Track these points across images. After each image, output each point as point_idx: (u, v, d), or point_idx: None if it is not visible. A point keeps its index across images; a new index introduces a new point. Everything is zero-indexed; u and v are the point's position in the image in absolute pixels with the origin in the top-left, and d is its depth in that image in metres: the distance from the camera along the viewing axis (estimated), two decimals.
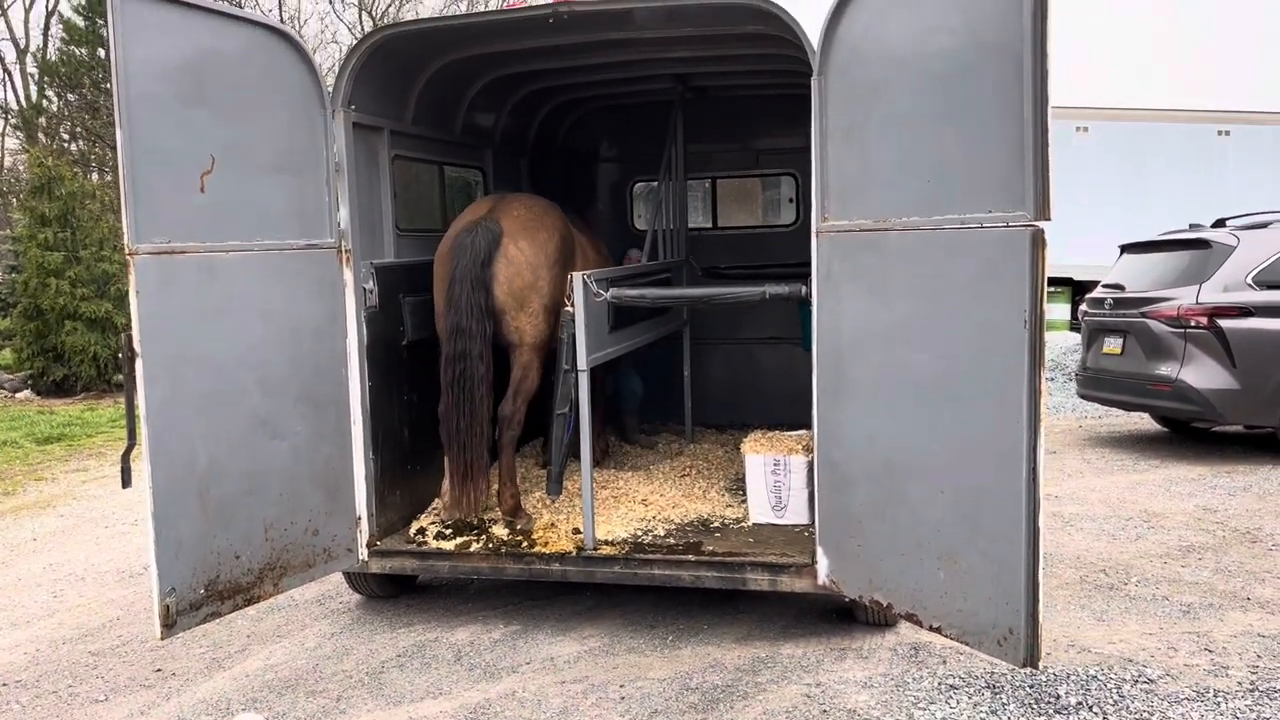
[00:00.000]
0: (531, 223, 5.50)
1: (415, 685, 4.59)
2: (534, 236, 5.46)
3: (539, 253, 5.44)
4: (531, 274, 5.41)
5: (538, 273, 5.42)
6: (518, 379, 5.54)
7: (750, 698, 4.34)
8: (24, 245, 16.78)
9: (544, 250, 5.46)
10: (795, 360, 7.35)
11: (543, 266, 5.44)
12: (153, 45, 4.15)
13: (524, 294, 5.41)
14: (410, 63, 5.62)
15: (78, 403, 15.16)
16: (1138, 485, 8.17)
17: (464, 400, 5.25)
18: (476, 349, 5.24)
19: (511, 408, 5.50)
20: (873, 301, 4.16)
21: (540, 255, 5.44)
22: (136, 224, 4.13)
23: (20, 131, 33.20)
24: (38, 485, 9.66)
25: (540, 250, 5.45)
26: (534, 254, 5.42)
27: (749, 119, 7.85)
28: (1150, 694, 4.25)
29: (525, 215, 5.53)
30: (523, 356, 5.52)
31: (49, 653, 5.27)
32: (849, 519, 4.36)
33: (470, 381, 5.23)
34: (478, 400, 5.26)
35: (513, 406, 5.51)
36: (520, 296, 5.41)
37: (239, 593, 4.61)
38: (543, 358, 5.59)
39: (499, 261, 5.34)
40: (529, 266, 5.40)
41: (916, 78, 3.88)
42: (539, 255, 5.44)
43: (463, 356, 5.23)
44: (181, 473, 4.33)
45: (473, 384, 5.24)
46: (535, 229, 5.49)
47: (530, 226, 5.48)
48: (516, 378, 5.54)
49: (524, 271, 5.39)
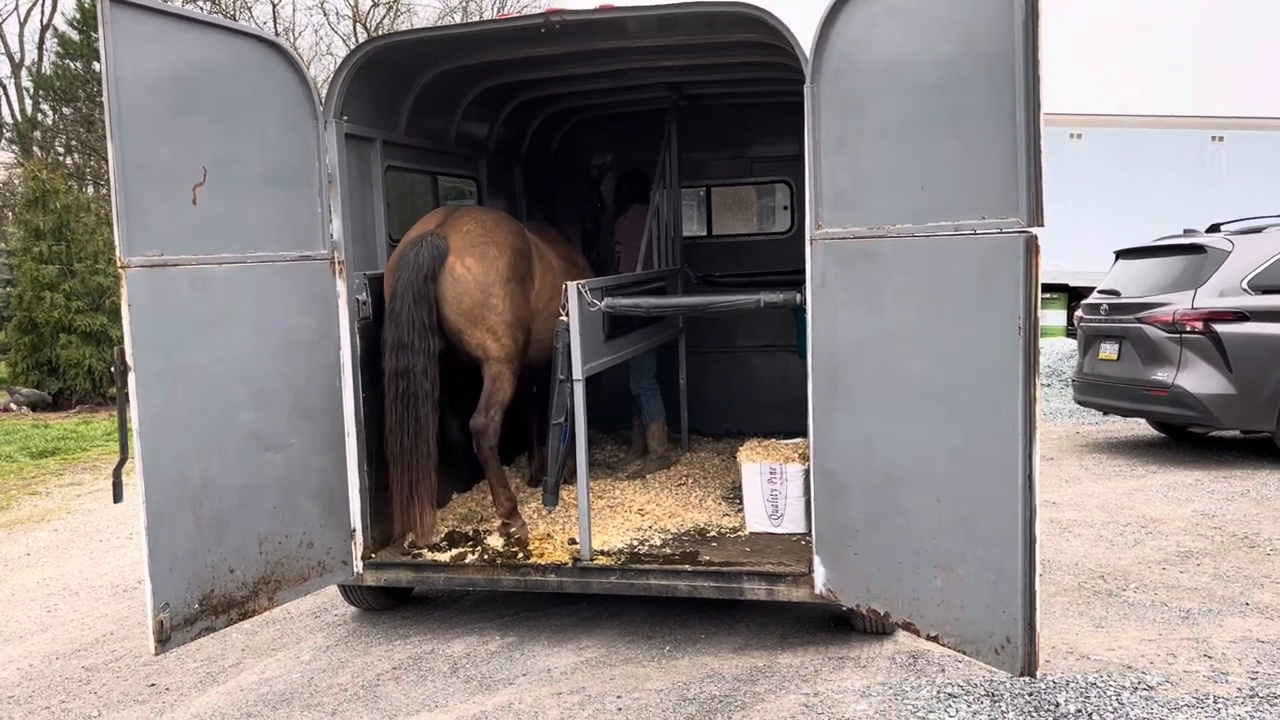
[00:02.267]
0: (480, 239, 5.31)
1: (411, 698, 4.56)
2: (483, 254, 5.27)
3: (488, 270, 5.25)
4: (480, 292, 5.24)
5: (487, 290, 5.25)
6: (489, 390, 5.39)
7: (748, 708, 4.31)
8: (19, 259, 16.78)
9: (494, 267, 5.27)
10: (791, 368, 7.35)
11: (494, 284, 5.26)
12: (145, 57, 4.14)
13: (476, 312, 5.25)
14: (403, 73, 5.62)
15: (72, 416, 15.11)
16: (1135, 491, 8.16)
17: (407, 418, 5.07)
18: (420, 364, 5.07)
19: (484, 419, 5.35)
20: (867, 309, 4.15)
21: (490, 273, 5.25)
22: (129, 237, 4.12)
23: (15, 145, 33.20)
24: (32, 499, 9.61)
25: (490, 267, 5.26)
26: (483, 272, 5.24)
27: (743, 127, 7.86)
28: (1150, 700, 4.23)
29: (474, 230, 5.33)
30: (491, 369, 5.38)
31: (42, 668, 5.24)
32: (845, 528, 4.35)
33: (414, 399, 5.07)
34: (422, 418, 5.08)
35: (485, 418, 5.35)
36: (472, 315, 5.25)
37: (233, 607, 4.58)
38: (515, 369, 5.47)
39: (444, 280, 5.19)
40: (477, 285, 5.23)
41: (909, 85, 3.88)
42: (488, 273, 5.25)
43: (405, 373, 5.06)
44: (175, 486, 4.31)
45: (416, 401, 5.07)
46: (484, 245, 5.29)
47: (479, 243, 5.29)
48: (487, 390, 5.39)
49: (472, 290, 5.22)
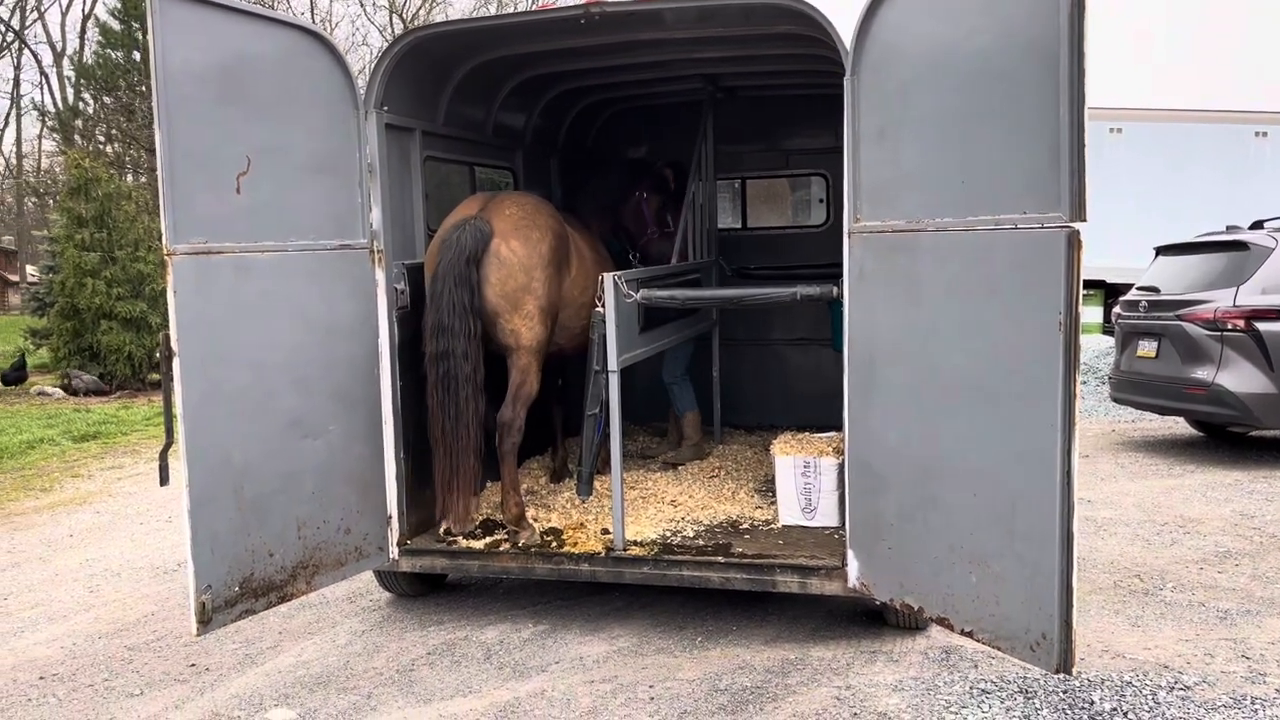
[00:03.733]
0: (524, 221, 5.31)
1: (445, 683, 4.62)
2: (526, 236, 5.27)
3: (531, 253, 5.25)
4: (524, 275, 5.22)
5: (531, 274, 5.24)
6: (516, 384, 5.33)
7: (780, 700, 4.32)
8: (61, 245, 17.05)
9: (537, 250, 5.27)
10: (824, 361, 7.33)
11: (536, 267, 5.25)
12: (191, 47, 4.19)
13: (517, 296, 5.23)
14: (442, 64, 5.66)
15: (113, 401, 15.36)
16: (1173, 490, 8.07)
17: (449, 402, 5.05)
18: (460, 348, 5.04)
19: (511, 413, 5.28)
20: (905, 303, 4.13)
21: (533, 255, 5.25)
22: (175, 224, 4.17)
23: (57, 134, 33.72)
24: (74, 482, 9.79)
25: (533, 250, 5.26)
26: (526, 254, 5.23)
27: (779, 119, 7.84)
28: (1186, 700, 4.20)
29: (517, 214, 5.34)
30: (520, 360, 5.32)
31: (85, 647, 5.35)
32: (880, 522, 4.34)
33: (454, 382, 5.03)
34: (463, 401, 5.05)
35: (512, 412, 5.29)
36: (513, 299, 5.23)
37: (273, 590, 4.65)
38: (541, 361, 5.42)
39: (489, 263, 5.17)
40: (521, 268, 5.21)
41: (950, 77, 3.86)
42: (532, 255, 5.24)
43: (446, 355, 5.04)
44: (217, 471, 4.37)
45: (457, 384, 5.04)
46: (528, 228, 5.29)
47: (523, 225, 5.29)
48: (515, 382, 5.33)
49: (516, 273, 5.21)
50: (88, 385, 15.92)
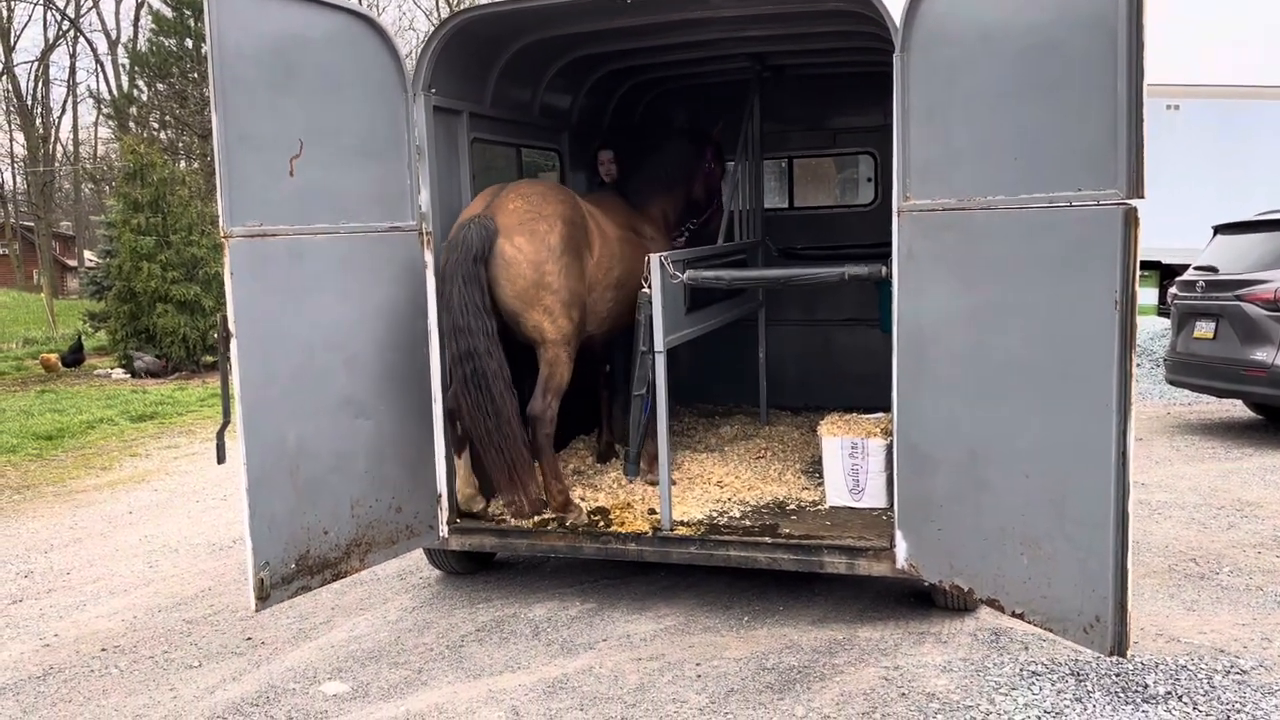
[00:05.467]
0: (528, 215, 5.15)
1: (494, 659, 4.68)
2: (532, 230, 5.12)
3: (539, 247, 5.11)
4: (534, 271, 5.10)
5: (540, 269, 5.11)
6: (545, 375, 5.28)
7: (827, 679, 4.32)
8: (118, 230, 17.40)
9: (544, 243, 5.12)
10: (872, 342, 7.27)
11: (546, 261, 5.12)
12: (246, 31, 4.24)
13: (531, 293, 5.13)
14: (489, 45, 5.68)
15: (169, 383, 15.68)
16: (1230, 474, 7.92)
17: (484, 400, 4.98)
18: (482, 345, 4.95)
19: (542, 404, 5.25)
20: (956, 282, 4.09)
21: (541, 249, 5.11)
22: (231, 207, 4.23)
23: (113, 120, 34.36)
24: (133, 461, 10.03)
25: (540, 244, 5.11)
26: (534, 250, 5.09)
27: (827, 98, 7.77)
28: (1243, 685, 4.13)
29: (521, 207, 5.17)
30: (548, 352, 5.26)
31: (145, 620, 5.49)
32: (929, 503, 4.31)
33: (484, 379, 4.96)
34: (498, 397, 4.98)
35: (543, 404, 5.25)
36: (528, 296, 5.13)
37: (327, 567, 4.73)
38: (571, 351, 5.34)
39: (496, 264, 5.06)
40: (530, 264, 5.09)
41: (1003, 53, 3.80)
42: (539, 250, 5.11)
43: (470, 355, 4.94)
44: (274, 450, 4.44)
45: (486, 380, 4.96)
46: (533, 221, 5.14)
47: (527, 220, 5.13)
48: (544, 375, 5.28)
49: (525, 271, 5.09)
50: (148, 366, 16.27)
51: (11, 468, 9.70)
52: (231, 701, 4.38)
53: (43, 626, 5.44)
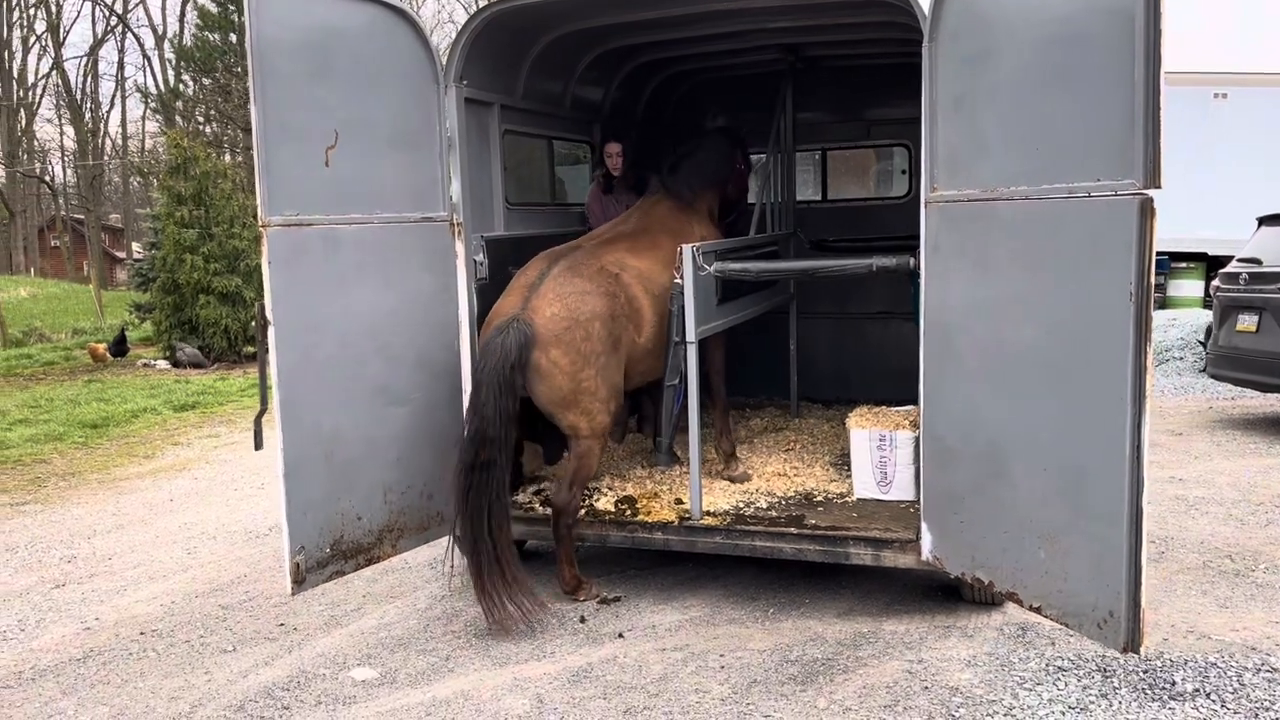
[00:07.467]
0: (565, 324, 4.95)
1: (520, 648, 4.73)
2: (569, 341, 4.94)
3: (576, 358, 4.95)
4: (571, 382, 4.97)
5: (577, 379, 4.97)
6: (574, 469, 5.13)
7: (851, 671, 4.32)
8: (163, 223, 17.70)
9: (580, 352, 4.96)
10: (903, 335, 7.21)
11: (584, 368, 4.97)
12: (284, 23, 4.33)
13: (569, 399, 5.01)
14: (521, 38, 5.71)
15: (210, 373, 15.95)
16: (1271, 469, 7.78)
17: (484, 509, 4.80)
18: (501, 459, 4.82)
19: (568, 496, 5.10)
20: (979, 274, 4.07)
21: (577, 360, 4.96)
22: (269, 197, 4.31)
23: (159, 115, 34.90)
24: (174, 449, 10.23)
25: (577, 354, 4.96)
26: (570, 362, 4.95)
27: (860, 89, 7.71)
28: (1273, 682, 4.07)
29: (559, 313, 4.96)
30: (580, 446, 5.13)
31: (183, 605, 5.61)
32: (952, 494, 4.30)
33: (491, 489, 4.81)
34: (500, 511, 4.83)
35: (568, 495, 5.10)
36: (565, 402, 5.02)
37: (360, 553, 4.81)
38: (604, 443, 5.26)
39: (532, 376, 4.94)
40: (566, 376, 4.96)
41: (1026, 42, 3.77)
42: (576, 361, 4.96)
43: (489, 465, 4.79)
44: (309, 436, 4.53)
45: (494, 490, 4.82)
46: (570, 329, 4.95)
47: (563, 330, 4.94)
48: (573, 468, 5.14)
49: (561, 383, 4.97)
50: (190, 358, 16.57)
51: (58, 455, 9.93)
52: (264, 685, 4.47)
53: (84, 610, 5.58)
